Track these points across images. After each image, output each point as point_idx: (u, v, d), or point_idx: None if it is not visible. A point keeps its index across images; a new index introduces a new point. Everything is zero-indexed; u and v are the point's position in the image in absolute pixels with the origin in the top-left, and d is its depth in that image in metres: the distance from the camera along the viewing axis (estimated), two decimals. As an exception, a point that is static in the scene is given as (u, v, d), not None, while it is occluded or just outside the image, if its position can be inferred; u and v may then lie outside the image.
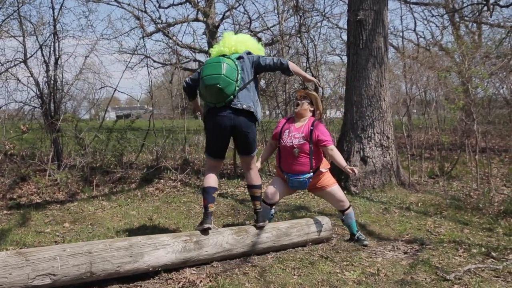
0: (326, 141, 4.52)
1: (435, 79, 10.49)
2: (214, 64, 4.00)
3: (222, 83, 3.91)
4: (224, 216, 5.87)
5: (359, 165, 7.27)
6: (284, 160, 4.57)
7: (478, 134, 7.29)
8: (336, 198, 4.69)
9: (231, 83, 3.95)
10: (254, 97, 4.13)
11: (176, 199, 6.84)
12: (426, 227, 5.38)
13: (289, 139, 4.53)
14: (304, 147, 4.49)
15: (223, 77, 3.91)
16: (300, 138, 4.50)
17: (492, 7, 13.74)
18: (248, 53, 4.27)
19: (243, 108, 4.00)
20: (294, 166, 4.53)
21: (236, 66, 4.05)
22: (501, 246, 4.60)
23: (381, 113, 7.42)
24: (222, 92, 3.94)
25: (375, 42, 7.43)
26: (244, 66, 4.15)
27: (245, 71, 4.13)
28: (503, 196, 6.45)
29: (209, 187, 4.17)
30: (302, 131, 4.54)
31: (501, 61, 10.90)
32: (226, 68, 3.95)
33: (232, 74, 3.98)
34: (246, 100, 4.04)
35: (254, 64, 4.22)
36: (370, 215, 5.92)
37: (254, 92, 4.16)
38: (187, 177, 8.08)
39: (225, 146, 4.24)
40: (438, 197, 6.85)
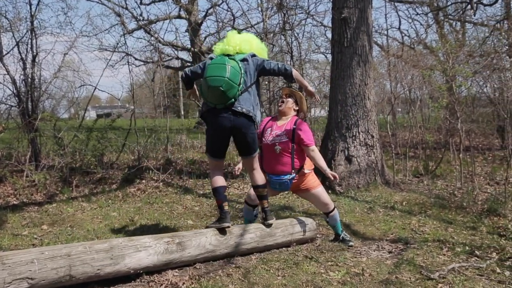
0: (308, 140, 4.50)
1: (419, 77, 10.60)
2: (219, 66, 4.02)
3: (225, 86, 3.93)
4: (207, 217, 5.86)
5: (344, 164, 7.31)
6: (266, 160, 4.56)
7: (462, 132, 7.38)
8: (321, 201, 4.69)
9: (234, 86, 3.98)
10: (254, 100, 4.15)
11: (158, 199, 6.80)
12: (410, 226, 5.43)
13: (271, 137, 4.52)
14: (286, 146, 4.48)
15: (226, 80, 3.94)
16: (282, 135, 4.50)
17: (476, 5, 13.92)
18: (252, 55, 4.29)
19: (243, 111, 4.03)
20: (276, 166, 4.51)
21: (240, 69, 4.07)
22: (484, 244, 4.66)
23: (366, 112, 7.46)
24: (224, 95, 3.97)
25: (360, 40, 7.47)
26: (248, 69, 4.17)
27: (248, 74, 4.15)
28: (487, 195, 6.54)
29: (219, 187, 4.20)
30: (284, 129, 4.53)
31: (484, 59, 11.04)
32: (231, 71, 3.98)
33: (236, 77, 4.00)
34: (246, 103, 4.07)
35: (258, 67, 4.24)
36: (354, 215, 5.95)
37: (255, 95, 4.19)
38: (169, 177, 8.04)
39: (225, 146, 4.26)
40: (422, 196, 6.92)
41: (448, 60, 8.13)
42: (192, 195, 7.09)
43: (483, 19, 16.88)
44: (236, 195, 7.11)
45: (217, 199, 4.20)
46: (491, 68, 10.69)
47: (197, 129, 17.74)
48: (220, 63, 4.04)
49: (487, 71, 10.55)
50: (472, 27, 17.63)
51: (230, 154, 9.11)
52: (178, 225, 5.41)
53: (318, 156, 4.53)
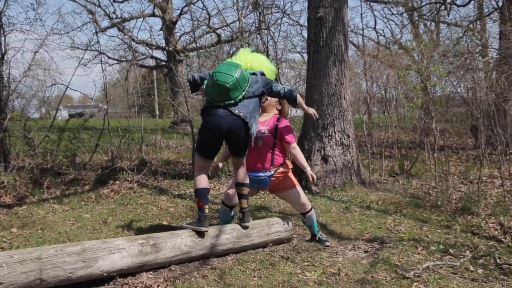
0: (290, 138, 4.56)
1: (395, 77, 10.74)
2: (232, 66, 4.17)
3: (232, 85, 4.04)
4: (183, 218, 5.83)
5: (320, 164, 7.35)
6: (247, 156, 4.56)
7: (437, 132, 7.50)
8: (298, 201, 4.71)
9: (239, 89, 4.09)
10: (252, 113, 4.21)
11: (133, 201, 6.74)
12: (386, 225, 5.50)
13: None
14: (268, 141, 4.51)
15: (235, 80, 4.05)
16: (265, 130, 4.52)
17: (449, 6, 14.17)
18: (262, 73, 4.42)
19: (240, 115, 4.08)
20: (256, 162, 4.52)
21: (249, 79, 4.20)
22: (458, 243, 4.75)
23: (342, 112, 7.52)
24: (228, 93, 4.06)
25: (336, 40, 7.53)
26: (254, 82, 4.28)
27: (253, 87, 4.25)
28: (461, 194, 6.66)
29: (203, 189, 4.19)
30: (267, 124, 4.56)
31: (458, 60, 11.23)
32: (240, 74, 4.11)
33: (243, 82, 4.13)
34: (244, 110, 4.13)
35: (265, 86, 4.35)
36: (331, 215, 6.00)
37: (254, 109, 4.25)
38: (144, 178, 7.97)
39: (217, 147, 4.27)
40: (398, 195, 7.00)
41: (422, 60, 8.26)
42: (167, 196, 7.05)
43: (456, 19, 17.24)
44: (212, 195, 7.09)
45: (199, 200, 4.17)
46: (465, 68, 10.89)
47: (172, 129, 17.65)
48: (233, 65, 4.20)
49: (461, 71, 10.74)
50: (446, 27, 17.98)
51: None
52: (152, 227, 5.37)
53: (299, 154, 4.61)
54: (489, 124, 8.31)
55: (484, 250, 4.50)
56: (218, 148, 4.29)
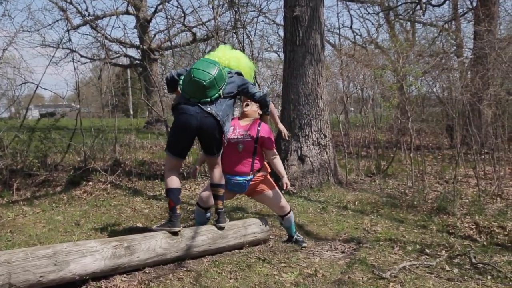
0: (271, 144, 4.60)
1: (371, 77, 10.84)
2: (210, 64, 4.17)
3: (209, 83, 4.03)
4: (157, 219, 5.79)
5: (297, 164, 7.38)
6: (226, 159, 4.54)
7: (413, 132, 7.59)
8: (277, 203, 4.71)
9: (215, 88, 4.09)
10: (225, 111, 4.20)
11: (106, 202, 6.67)
12: (363, 226, 5.55)
13: (234, 135, 4.53)
14: (249, 145, 4.51)
15: (212, 78, 4.05)
16: (245, 135, 4.52)
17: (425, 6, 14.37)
18: (239, 73, 4.41)
19: (211, 113, 4.07)
20: (235, 166, 4.51)
21: (226, 77, 4.21)
22: (434, 242, 4.82)
23: (318, 111, 7.56)
24: (204, 91, 4.05)
25: (312, 39, 7.57)
26: (231, 82, 4.27)
27: (229, 86, 4.24)
28: (437, 193, 6.76)
29: (175, 189, 4.17)
30: (248, 129, 4.56)
31: (434, 59, 11.41)
32: (218, 72, 4.11)
33: (221, 81, 4.13)
34: (217, 109, 4.12)
35: (241, 86, 4.35)
36: (308, 215, 6.02)
37: (228, 108, 4.24)
38: (117, 179, 7.89)
39: (188, 146, 4.26)
40: (374, 195, 7.08)
41: (398, 60, 8.37)
42: (141, 197, 6.99)
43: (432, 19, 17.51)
44: (187, 196, 7.06)
45: (171, 200, 4.15)
46: (440, 68, 11.06)
47: (146, 129, 17.50)
48: (211, 62, 4.19)
49: (436, 71, 10.90)
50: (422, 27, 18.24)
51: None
52: (126, 229, 5.32)
53: (279, 162, 4.67)
54: (464, 124, 8.44)
55: (459, 249, 4.57)
56: (189, 147, 4.28)
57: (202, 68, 4.09)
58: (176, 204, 4.14)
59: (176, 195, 4.17)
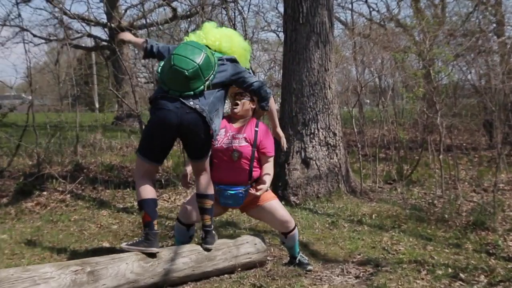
0: (271, 149, 4.62)
1: (391, 61, 10.84)
2: (195, 49, 4.11)
3: (192, 73, 3.99)
4: (128, 237, 5.77)
5: (300, 169, 7.37)
6: (217, 167, 4.51)
7: (442, 129, 7.60)
8: (278, 218, 4.64)
9: (201, 78, 4.05)
10: (213, 105, 4.17)
11: (64, 216, 6.65)
12: (381, 244, 5.53)
13: (226, 139, 4.49)
14: (246, 151, 4.48)
15: (196, 67, 4.01)
16: (241, 139, 4.49)
17: (458, -26, 14.38)
18: (232, 59, 4.37)
19: (195, 108, 4.03)
20: (229, 174, 4.47)
21: (215, 65, 4.17)
22: (470, 265, 4.80)
23: (326, 104, 7.55)
24: (186, 83, 4.02)
25: (318, 15, 7.55)
26: (222, 70, 4.24)
27: (219, 75, 4.21)
28: (473, 205, 6.76)
29: (149, 199, 4.13)
30: (244, 132, 4.53)
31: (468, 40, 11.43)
32: (204, 60, 4.06)
33: (207, 70, 4.09)
34: (203, 103, 4.08)
35: (235, 75, 4.32)
36: (314, 231, 6.01)
37: (217, 102, 4.21)
38: (79, 188, 7.88)
39: (166, 148, 4.26)
40: (396, 207, 7.07)
41: (424, 41, 8.36)
42: (109, 209, 6.98)
43: (466, -10, 17.47)
44: (166, 209, 7.04)
45: (146, 214, 4.11)
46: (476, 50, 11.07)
47: (115, 125, 17.48)
48: (197, 47, 4.14)
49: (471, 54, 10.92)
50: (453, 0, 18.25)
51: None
52: (90, 249, 5.30)
53: (271, 169, 4.64)
54: (506, 119, 8.47)
55: (502, 274, 4.56)
56: (167, 150, 4.27)
57: (185, 54, 4.05)
58: (153, 218, 4.11)
59: (152, 207, 4.13)
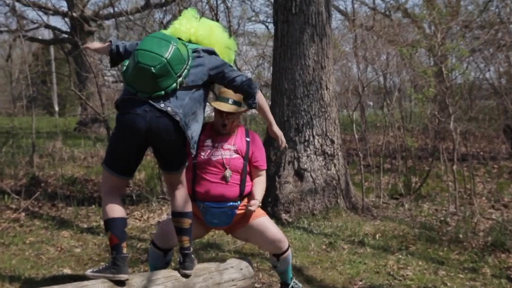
0: (264, 162, 4.65)
1: (397, 57, 10.91)
2: (161, 41, 4.01)
3: (159, 69, 3.89)
4: (94, 262, 5.76)
5: (293, 182, 7.39)
6: (203, 182, 4.48)
7: (457, 135, 7.65)
8: (269, 236, 4.60)
9: (171, 75, 3.95)
10: (191, 109, 4.09)
11: (18, 239, 6.62)
12: (386, 268, 5.57)
13: (216, 151, 4.49)
14: (237, 164, 4.49)
15: (164, 62, 3.90)
16: (232, 150, 4.50)
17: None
18: (210, 51, 4.30)
19: (166, 110, 3.94)
20: (217, 190, 4.44)
21: (188, 59, 4.07)
22: (488, 292, 4.86)
23: (323, 107, 7.58)
24: (154, 82, 3.93)
25: (314, 4, 7.59)
26: (198, 64, 4.16)
27: (194, 71, 4.13)
28: (491, 223, 6.80)
29: (117, 219, 4.05)
30: (234, 142, 4.52)
31: (486, 33, 11.51)
32: (174, 53, 3.96)
33: (178, 64, 3.98)
34: (175, 104, 4.00)
35: (214, 70, 4.22)
36: (308, 254, 6.03)
37: (193, 104, 4.12)
38: (36, 205, 7.85)
39: (136, 159, 4.17)
40: (403, 225, 7.10)
41: (436, 34, 8.43)
42: (71, 230, 6.95)
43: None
44: (138, 228, 7.04)
45: (112, 235, 4.09)
46: (496, 44, 11.16)
47: (79, 132, 17.43)
48: (163, 39, 4.04)
49: (490, 49, 11.00)
50: (469, -13, 18.39)
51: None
52: (49, 277, 5.29)
53: (263, 183, 4.64)
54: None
55: (524, 302, 4.61)
56: (137, 160, 4.19)
57: (150, 49, 3.96)
58: (121, 240, 4.06)
59: (120, 227, 4.09)
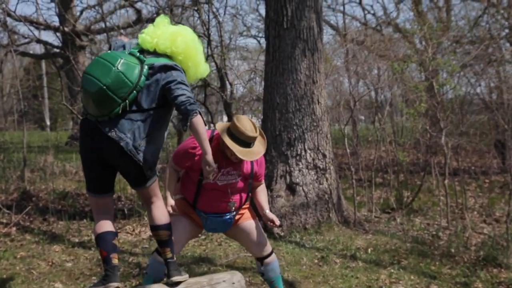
0: (263, 175, 4.75)
1: (388, 72, 10.96)
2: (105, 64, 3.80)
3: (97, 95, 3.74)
4: (86, 277, 5.75)
5: (285, 196, 7.40)
6: (206, 199, 4.51)
7: (448, 150, 7.68)
8: (254, 238, 4.68)
9: (113, 99, 3.77)
10: (144, 131, 3.93)
11: (9, 253, 6.60)
12: (378, 283, 5.58)
13: (222, 176, 4.50)
14: (240, 186, 4.57)
15: (102, 88, 3.72)
16: (236, 175, 4.52)
17: (464, -27, 14.62)
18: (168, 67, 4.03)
19: (110, 135, 3.82)
20: (220, 205, 4.50)
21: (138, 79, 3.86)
22: (480, 307, 4.88)
23: (315, 121, 7.60)
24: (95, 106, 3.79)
25: (305, 19, 7.63)
26: (153, 82, 3.98)
27: (148, 91, 3.96)
28: (483, 237, 6.82)
29: (105, 233, 4.06)
30: (239, 168, 4.54)
31: (476, 48, 11.58)
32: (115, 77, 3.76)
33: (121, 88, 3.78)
34: (123, 129, 3.86)
35: (166, 85, 3.97)
36: (300, 268, 6.04)
37: (152, 125, 3.97)
38: (27, 219, 7.83)
39: (102, 177, 4.11)
40: (394, 239, 7.12)
41: (427, 49, 8.49)
42: (62, 244, 6.93)
43: (474, -9, 17.73)
44: (130, 243, 7.03)
45: (102, 249, 4.09)
46: (486, 59, 11.22)
47: (70, 146, 17.39)
48: (108, 61, 3.83)
49: (481, 64, 11.07)
50: (460, 2, 18.50)
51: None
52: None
53: (265, 193, 4.77)
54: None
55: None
56: (107, 177, 4.13)
57: (92, 73, 3.79)
58: (109, 252, 4.01)
59: (108, 240, 4.05)
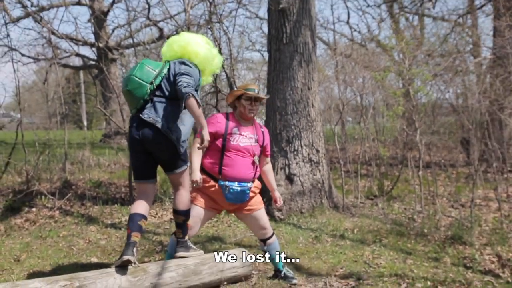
0: (269, 151, 4.82)
1: (372, 81, 10.95)
2: (136, 65, 4.30)
3: (131, 84, 4.12)
4: (117, 253, 5.74)
5: (284, 185, 7.40)
6: (232, 163, 4.49)
7: (422, 146, 7.67)
8: (261, 224, 4.73)
9: (142, 84, 4.12)
10: (172, 115, 4.15)
11: (53, 232, 6.60)
12: (363, 258, 5.57)
13: (243, 138, 4.53)
14: (256, 151, 4.64)
15: (132, 78, 4.13)
16: (254, 139, 4.62)
17: (435, -3, 14.58)
18: (181, 62, 4.31)
19: (149, 120, 4.07)
20: (240, 171, 4.53)
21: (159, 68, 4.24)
22: (448, 278, 4.85)
23: (310, 122, 7.60)
24: (131, 95, 4.15)
25: (301, 36, 7.63)
26: (170, 74, 4.25)
27: (169, 82, 4.22)
28: (451, 220, 6.81)
29: (134, 214, 4.18)
30: (255, 133, 4.63)
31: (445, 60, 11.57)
32: (140, 68, 4.18)
33: (146, 75, 4.15)
34: (156, 114, 4.11)
35: (174, 77, 4.21)
36: (297, 246, 6.03)
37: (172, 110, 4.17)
38: (68, 204, 7.82)
39: (145, 165, 4.27)
40: (377, 221, 7.11)
41: (404, 61, 8.47)
42: (97, 225, 6.93)
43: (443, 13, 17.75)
44: (153, 224, 7.02)
45: (128, 227, 4.14)
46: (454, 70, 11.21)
47: (103, 143, 17.41)
48: (140, 62, 4.30)
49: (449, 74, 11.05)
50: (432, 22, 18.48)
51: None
52: (79, 264, 5.27)
53: (272, 174, 4.88)
54: (482, 137, 8.57)
55: (479, 286, 4.61)
56: (147, 166, 4.27)
57: (127, 73, 4.30)
58: (132, 230, 4.11)
59: (136, 221, 4.14)
